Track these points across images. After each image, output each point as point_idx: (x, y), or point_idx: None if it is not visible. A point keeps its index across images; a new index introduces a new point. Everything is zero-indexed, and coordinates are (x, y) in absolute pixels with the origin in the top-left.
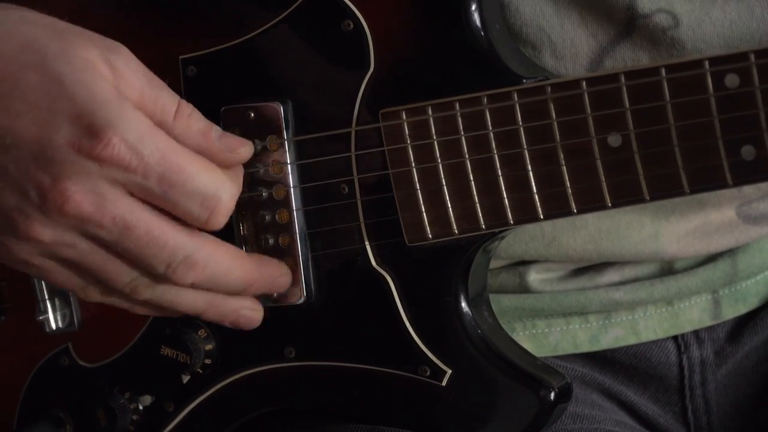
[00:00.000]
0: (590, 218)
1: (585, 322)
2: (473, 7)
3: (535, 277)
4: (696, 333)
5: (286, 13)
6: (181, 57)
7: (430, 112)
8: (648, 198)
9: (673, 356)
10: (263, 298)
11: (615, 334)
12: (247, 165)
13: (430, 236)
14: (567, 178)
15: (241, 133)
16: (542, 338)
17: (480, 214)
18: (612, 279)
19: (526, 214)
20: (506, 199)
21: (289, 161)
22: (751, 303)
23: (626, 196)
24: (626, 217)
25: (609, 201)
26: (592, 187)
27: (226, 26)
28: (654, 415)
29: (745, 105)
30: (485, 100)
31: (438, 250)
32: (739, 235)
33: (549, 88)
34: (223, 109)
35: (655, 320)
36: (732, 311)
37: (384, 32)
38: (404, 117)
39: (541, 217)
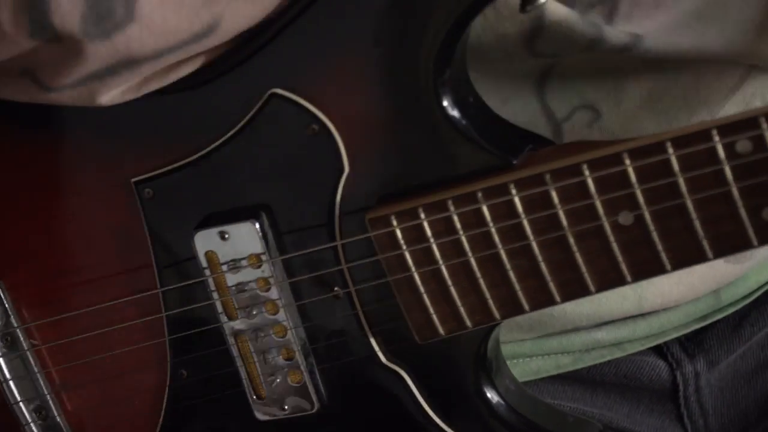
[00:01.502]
0: None
1: (567, 351)
2: (445, 92)
3: None
4: (685, 349)
5: (242, 123)
6: (133, 180)
7: (422, 215)
8: (670, 269)
9: (665, 374)
10: (275, 410)
11: (599, 353)
12: (233, 283)
13: (443, 333)
14: (581, 262)
15: (219, 256)
16: (524, 365)
17: (493, 307)
18: (595, 322)
19: (542, 301)
20: (519, 291)
21: (275, 280)
22: (739, 303)
23: (647, 271)
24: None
25: (629, 278)
26: (609, 267)
27: (179, 142)
28: (650, 431)
29: (762, 169)
30: (480, 195)
31: (452, 337)
32: (721, 277)
33: (548, 176)
34: (195, 234)
35: (639, 340)
36: (719, 313)
37: (354, 131)
38: (395, 223)
39: (559, 300)
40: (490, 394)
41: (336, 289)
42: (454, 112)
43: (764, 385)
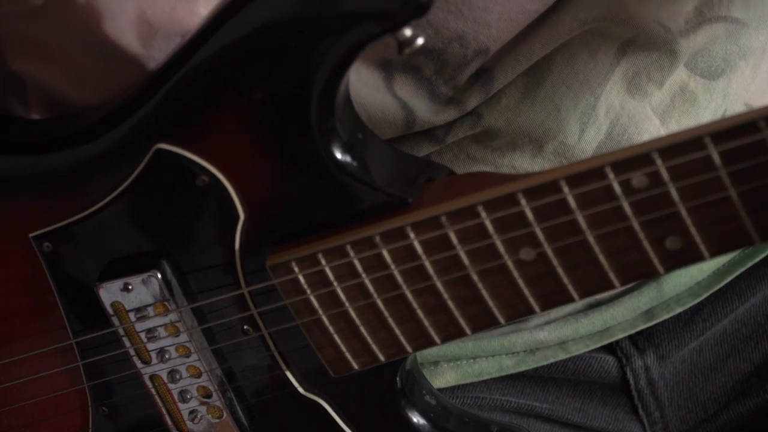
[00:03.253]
0: None
1: (510, 352)
2: (333, 138)
3: None
4: (635, 343)
5: (131, 179)
6: (30, 234)
7: (323, 261)
8: (578, 298)
9: (614, 369)
10: None
11: (543, 355)
12: (142, 330)
13: (356, 367)
14: (487, 297)
15: (126, 306)
16: (467, 367)
17: (404, 341)
18: (537, 322)
19: (453, 334)
20: (428, 326)
21: (183, 326)
22: (687, 302)
23: (555, 302)
24: None
25: (538, 308)
26: (517, 300)
27: (73, 197)
28: (604, 424)
29: (660, 202)
30: (378, 239)
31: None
32: None
33: (444, 219)
34: (98, 286)
35: (583, 340)
36: (666, 313)
37: (245, 179)
38: (296, 269)
39: (469, 333)
40: (412, 416)
41: (248, 331)
42: (345, 157)
43: (723, 379)
